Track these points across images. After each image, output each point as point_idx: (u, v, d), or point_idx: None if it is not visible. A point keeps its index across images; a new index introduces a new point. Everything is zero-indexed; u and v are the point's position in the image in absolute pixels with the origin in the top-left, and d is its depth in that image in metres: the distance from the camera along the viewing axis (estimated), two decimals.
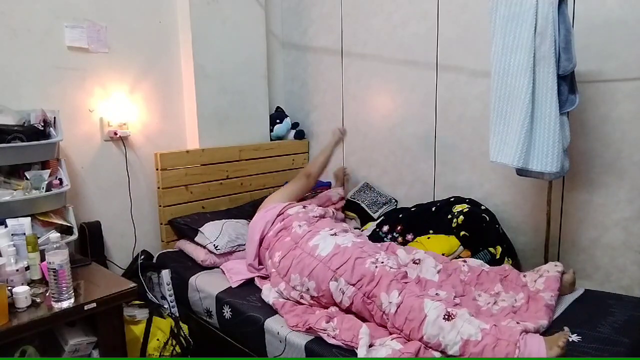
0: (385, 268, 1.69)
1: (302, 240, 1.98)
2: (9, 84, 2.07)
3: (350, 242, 1.87)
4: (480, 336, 1.40)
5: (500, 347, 1.37)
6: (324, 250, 1.86)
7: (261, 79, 3.02)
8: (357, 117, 2.93)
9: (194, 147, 2.72)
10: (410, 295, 1.58)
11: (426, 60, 2.52)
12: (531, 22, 1.78)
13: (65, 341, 1.67)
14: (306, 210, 2.24)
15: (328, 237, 1.93)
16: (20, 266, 1.60)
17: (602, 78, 1.97)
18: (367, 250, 1.82)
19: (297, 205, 2.28)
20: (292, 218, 2.15)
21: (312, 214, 2.21)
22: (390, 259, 1.77)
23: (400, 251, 2.00)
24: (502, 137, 1.92)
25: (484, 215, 2.19)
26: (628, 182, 1.96)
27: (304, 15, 3.12)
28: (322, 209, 2.34)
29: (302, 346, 1.62)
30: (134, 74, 2.49)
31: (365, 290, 1.67)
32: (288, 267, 1.92)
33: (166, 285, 2.24)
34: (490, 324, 1.45)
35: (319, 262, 1.82)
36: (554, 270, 1.81)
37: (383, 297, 1.61)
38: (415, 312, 1.52)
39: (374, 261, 1.73)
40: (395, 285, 1.62)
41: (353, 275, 1.72)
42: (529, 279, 1.83)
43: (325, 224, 2.10)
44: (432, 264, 1.90)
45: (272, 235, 2.12)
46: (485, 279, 1.86)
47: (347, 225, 2.20)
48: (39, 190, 1.85)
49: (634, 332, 1.54)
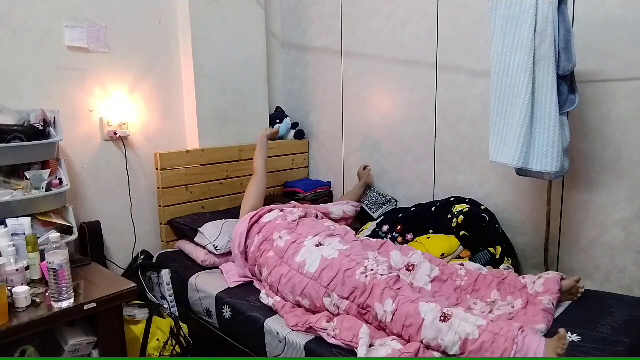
0: (377, 277, 1.67)
1: (286, 254, 1.94)
2: (9, 84, 2.07)
3: (336, 251, 1.84)
4: (477, 334, 1.40)
5: (498, 343, 1.37)
6: (312, 266, 1.83)
7: (261, 79, 3.02)
8: (357, 117, 2.93)
9: (194, 147, 2.72)
10: (405, 301, 1.56)
11: (426, 60, 2.52)
12: (531, 22, 1.78)
13: (65, 341, 1.67)
14: (284, 214, 2.18)
15: (314, 250, 1.88)
16: (20, 266, 1.59)
17: (602, 78, 1.97)
18: (355, 258, 1.79)
19: (274, 211, 2.23)
20: (271, 227, 2.10)
21: (291, 218, 2.15)
22: (380, 264, 1.75)
23: (395, 253, 1.95)
24: (502, 137, 1.92)
25: (484, 215, 2.19)
26: (628, 182, 1.96)
27: (304, 15, 3.12)
28: (302, 209, 2.29)
29: (302, 346, 1.62)
30: (134, 74, 2.49)
31: (359, 302, 1.67)
32: (277, 285, 1.91)
33: (166, 285, 2.24)
34: (487, 320, 1.45)
35: (310, 280, 1.80)
36: (554, 274, 1.80)
37: (378, 308, 1.60)
38: (412, 317, 1.51)
39: (364, 270, 1.71)
40: (389, 293, 1.60)
41: (345, 289, 1.71)
42: (529, 280, 1.82)
43: (307, 228, 2.05)
44: (427, 271, 1.84)
45: (255, 250, 2.08)
46: (482, 284, 1.83)
47: (331, 225, 2.14)
48: (39, 190, 1.85)
49: (634, 332, 1.54)
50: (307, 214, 2.27)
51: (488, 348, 1.38)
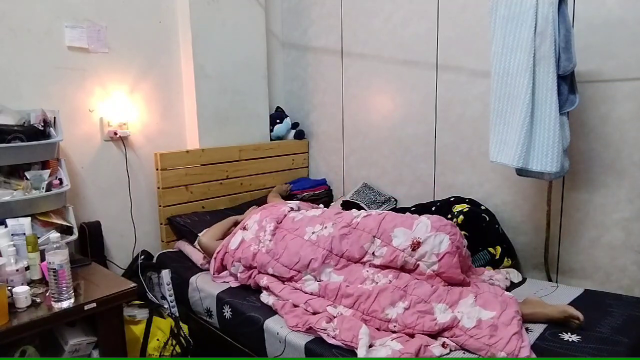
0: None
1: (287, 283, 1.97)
2: (9, 84, 2.07)
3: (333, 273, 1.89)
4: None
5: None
6: (311, 287, 1.88)
7: (261, 79, 3.02)
8: (357, 117, 2.93)
9: (194, 147, 2.72)
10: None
11: (426, 60, 2.52)
12: (531, 22, 1.78)
13: (65, 341, 1.67)
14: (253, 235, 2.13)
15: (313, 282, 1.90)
16: (20, 266, 1.60)
17: (602, 78, 1.97)
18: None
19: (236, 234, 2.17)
20: (247, 251, 2.07)
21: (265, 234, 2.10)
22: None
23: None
24: (502, 137, 1.92)
25: (483, 215, 2.19)
26: (628, 182, 1.96)
27: (304, 15, 3.12)
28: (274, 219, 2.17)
29: (302, 346, 1.62)
30: (134, 74, 2.49)
31: (362, 308, 1.69)
32: (277, 292, 1.93)
33: (166, 285, 2.24)
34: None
35: (314, 296, 1.84)
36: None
37: (388, 309, 1.64)
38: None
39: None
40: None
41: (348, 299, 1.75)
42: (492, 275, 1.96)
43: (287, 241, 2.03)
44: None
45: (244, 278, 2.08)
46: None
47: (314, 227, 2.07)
48: (39, 190, 1.86)
49: (633, 332, 1.54)
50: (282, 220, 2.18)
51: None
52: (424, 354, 1.46)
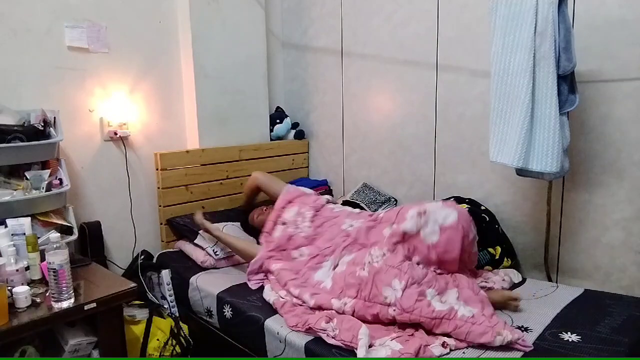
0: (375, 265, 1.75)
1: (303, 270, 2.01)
2: (9, 84, 2.07)
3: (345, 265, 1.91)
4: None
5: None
6: (326, 283, 1.90)
7: (261, 79, 3.02)
8: (357, 117, 2.93)
9: (194, 147, 2.72)
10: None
11: (426, 60, 2.52)
12: (531, 22, 1.78)
13: (65, 341, 1.67)
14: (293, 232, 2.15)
15: (330, 272, 1.95)
16: (20, 266, 1.60)
17: (602, 78, 1.97)
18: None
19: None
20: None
21: (303, 229, 2.14)
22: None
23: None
24: (502, 137, 1.92)
25: (483, 215, 2.19)
26: (628, 182, 1.96)
27: (304, 15, 3.12)
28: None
29: (302, 346, 1.62)
30: (134, 74, 2.49)
31: (364, 295, 1.70)
32: (286, 280, 1.94)
33: (166, 285, 2.24)
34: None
35: (322, 293, 1.85)
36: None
37: (386, 290, 1.65)
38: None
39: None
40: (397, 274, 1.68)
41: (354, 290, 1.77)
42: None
43: (325, 241, 2.08)
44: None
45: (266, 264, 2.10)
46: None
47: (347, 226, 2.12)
48: (39, 190, 1.85)
49: (633, 332, 1.55)
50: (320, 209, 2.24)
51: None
52: (423, 354, 1.46)
